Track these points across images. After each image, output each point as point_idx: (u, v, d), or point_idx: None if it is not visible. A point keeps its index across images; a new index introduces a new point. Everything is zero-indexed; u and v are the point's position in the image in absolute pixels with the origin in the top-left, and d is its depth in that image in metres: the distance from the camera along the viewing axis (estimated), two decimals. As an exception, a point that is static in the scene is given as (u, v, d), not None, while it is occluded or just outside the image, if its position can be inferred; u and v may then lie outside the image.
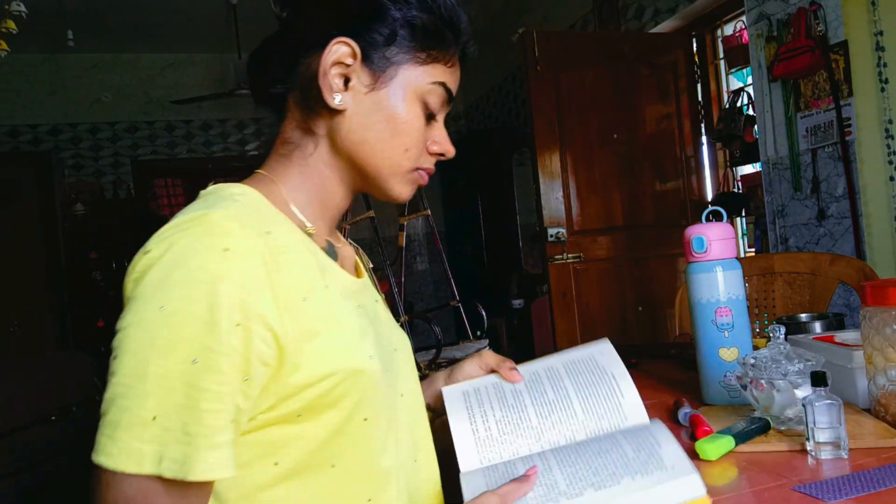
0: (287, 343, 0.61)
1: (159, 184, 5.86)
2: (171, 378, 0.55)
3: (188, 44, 5.40)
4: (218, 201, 0.64)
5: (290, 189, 0.74)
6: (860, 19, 2.30)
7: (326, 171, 0.75)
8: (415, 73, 0.72)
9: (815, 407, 0.76)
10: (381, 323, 0.79)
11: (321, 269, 0.69)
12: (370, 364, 0.67)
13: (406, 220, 3.27)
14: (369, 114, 0.72)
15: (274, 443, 0.64)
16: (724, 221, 1.09)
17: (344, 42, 0.70)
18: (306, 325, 0.63)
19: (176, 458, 0.55)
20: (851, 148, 2.36)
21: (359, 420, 0.67)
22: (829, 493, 0.66)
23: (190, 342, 0.56)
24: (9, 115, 5.20)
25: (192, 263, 0.58)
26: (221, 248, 0.59)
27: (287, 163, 0.75)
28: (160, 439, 0.55)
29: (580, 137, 3.19)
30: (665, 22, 3.33)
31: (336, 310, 0.67)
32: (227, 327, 0.57)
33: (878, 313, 0.83)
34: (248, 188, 0.70)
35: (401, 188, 0.76)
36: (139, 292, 0.58)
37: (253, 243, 0.61)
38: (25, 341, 4.92)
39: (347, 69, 0.71)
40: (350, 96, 0.71)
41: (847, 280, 1.65)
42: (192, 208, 0.64)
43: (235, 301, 0.58)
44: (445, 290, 5.78)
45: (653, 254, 3.28)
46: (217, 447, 0.56)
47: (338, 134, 0.73)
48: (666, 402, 1.07)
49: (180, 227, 0.60)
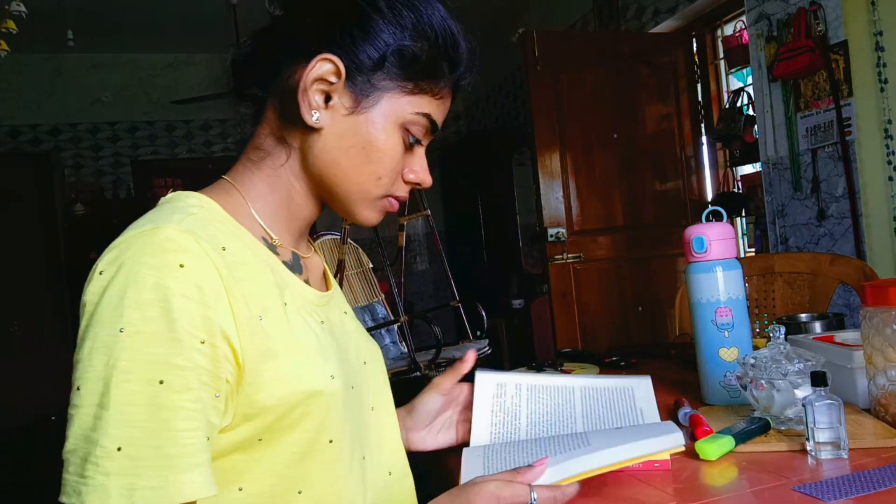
0: (245, 362, 0.60)
1: (159, 184, 5.85)
2: (134, 403, 0.54)
3: (188, 44, 5.40)
4: (172, 213, 0.62)
5: (255, 199, 0.71)
6: (860, 19, 2.30)
7: (296, 183, 0.72)
8: (399, 103, 0.69)
9: (815, 407, 0.76)
10: (349, 336, 0.78)
11: (279, 286, 0.66)
12: (330, 385, 0.66)
13: (406, 220, 3.27)
14: (345, 137, 0.69)
15: (236, 468, 0.62)
16: (724, 221, 1.09)
17: (329, 59, 0.66)
18: (263, 345, 0.61)
19: (152, 485, 0.53)
20: (851, 148, 2.36)
21: (324, 443, 0.65)
22: (829, 493, 0.66)
23: (153, 363, 0.54)
24: (9, 115, 5.20)
25: (148, 282, 0.56)
26: (176, 264, 0.57)
27: (256, 170, 0.72)
28: (128, 471, 0.52)
29: (580, 137, 3.19)
30: (665, 22, 3.33)
31: (295, 329, 0.65)
32: (191, 344, 0.56)
33: (878, 313, 0.83)
34: (206, 199, 0.67)
35: (368, 213, 0.74)
36: (95, 318, 0.56)
37: (208, 259, 0.59)
38: (26, 341, 4.92)
39: (330, 87, 0.67)
40: (328, 115, 0.68)
41: (847, 280, 1.65)
42: (143, 222, 0.61)
43: (196, 317, 0.57)
44: (445, 290, 5.78)
45: (653, 254, 3.28)
46: (197, 466, 0.55)
47: (310, 151, 0.70)
48: (666, 402, 1.07)
49: (131, 244, 0.58)
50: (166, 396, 0.54)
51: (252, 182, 0.72)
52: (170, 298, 0.56)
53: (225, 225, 0.66)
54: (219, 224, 0.65)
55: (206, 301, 0.58)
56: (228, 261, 0.61)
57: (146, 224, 0.60)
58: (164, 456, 0.54)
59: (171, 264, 0.57)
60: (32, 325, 5.05)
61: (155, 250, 0.57)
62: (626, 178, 3.26)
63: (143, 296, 0.55)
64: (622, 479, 0.76)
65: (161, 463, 0.53)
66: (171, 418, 0.54)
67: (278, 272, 0.68)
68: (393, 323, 3.09)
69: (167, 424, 0.54)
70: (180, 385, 0.55)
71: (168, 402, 0.54)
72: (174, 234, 0.58)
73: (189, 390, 0.56)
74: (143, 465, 0.53)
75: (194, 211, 0.64)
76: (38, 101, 5.27)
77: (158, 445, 0.54)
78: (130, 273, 0.56)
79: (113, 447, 0.53)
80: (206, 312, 0.57)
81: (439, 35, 0.69)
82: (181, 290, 0.56)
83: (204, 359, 0.57)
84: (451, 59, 0.71)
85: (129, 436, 0.53)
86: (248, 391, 0.60)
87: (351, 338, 0.78)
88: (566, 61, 3.16)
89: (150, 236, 0.58)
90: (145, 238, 0.58)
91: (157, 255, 0.57)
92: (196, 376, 0.56)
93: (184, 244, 0.58)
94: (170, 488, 0.53)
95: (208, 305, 0.58)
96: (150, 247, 0.58)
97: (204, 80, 5.60)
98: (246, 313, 0.60)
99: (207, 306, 0.58)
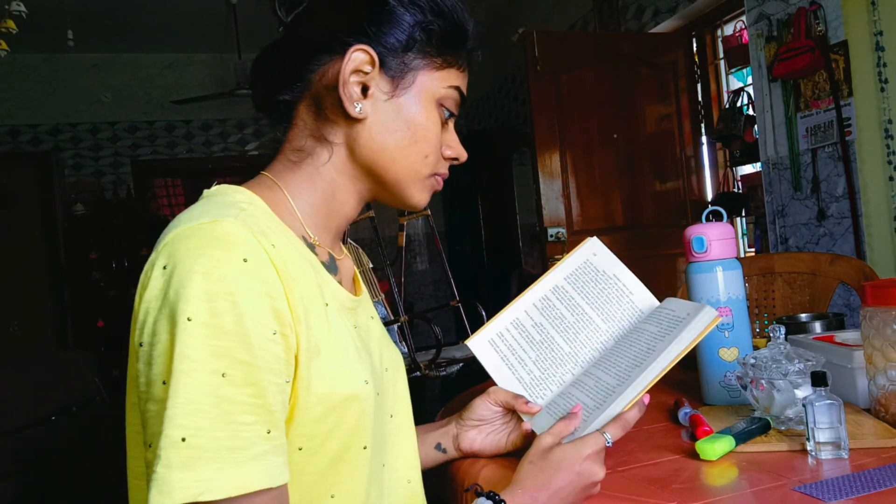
0: (300, 356, 0.61)
1: (159, 184, 5.86)
2: (199, 394, 0.54)
3: (188, 44, 5.40)
4: (225, 208, 0.62)
5: (296, 196, 0.72)
6: (860, 19, 2.30)
7: (340, 179, 0.73)
8: (432, 79, 0.72)
9: (815, 407, 0.76)
10: (374, 342, 0.78)
11: (320, 286, 0.67)
12: (365, 389, 0.66)
13: (406, 220, 3.27)
14: (389, 121, 0.71)
15: None
16: (724, 221, 1.09)
17: (362, 49, 0.68)
18: (312, 341, 0.62)
19: (213, 477, 0.53)
20: (851, 148, 2.36)
21: (357, 448, 0.66)
22: (830, 494, 0.66)
23: (218, 356, 0.54)
24: (9, 115, 5.20)
25: (214, 274, 0.56)
26: (240, 258, 0.57)
27: (296, 170, 0.73)
28: (190, 462, 0.52)
29: (580, 137, 3.19)
30: (665, 22, 3.33)
31: (335, 330, 0.66)
32: (263, 336, 0.56)
33: (878, 313, 0.83)
34: (253, 196, 0.68)
35: (420, 195, 0.75)
36: (162, 308, 0.56)
37: (266, 255, 0.59)
38: (25, 341, 4.92)
39: (366, 77, 0.69)
40: (369, 104, 0.70)
41: (847, 280, 1.65)
42: (198, 214, 0.61)
43: (266, 309, 0.57)
44: (445, 290, 5.78)
45: (653, 254, 3.28)
46: (255, 458, 0.55)
47: (356, 142, 0.71)
48: (666, 402, 1.07)
49: (191, 236, 0.58)
50: (228, 390, 0.54)
51: (293, 180, 0.72)
52: (237, 292, 0.56)
53: (271, 222, 0.66)
54: (267, 220, 0.65)
55: (272, 293, 0.58)
56: (281, 257, 0.61)
57: (202, 217, 0.60)
58: (225, 448, 0.54)
59: (236, 258, 0.57)
60: (32, 325, 5.05)
61: (218, 243, 0.57)
62: (626, 178, 3.26)
63: (211, 287, 0.55)
64: (622, 479, 0.76)
65: (222, 455, 0.53)
66: (233, 411, 0.55)
67: (319, 272, 0.69)
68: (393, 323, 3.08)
69: (229, 417, 0.54)
70: (243, 380, 0.55)
71: (230, 396, 0.55)
72: (234, 229, 0.58)
73: (251, 385, 0.56)
74: (205, 456, 0.53)
75: (245, 206, 0.64)
76: (38, 101, 5.27)
77: (220, 437, 0.54)
78: (196, 264, 0.56)
79: (178, 437, 0.53)
80: (274, 304, 0.58)
81: (452, 10, 0.72)
82: (248, 284, 0.57)
83: (279, 348, 0.58)
84: (465, 32, 0.74)
85: (194, 425, 0.53)
86: (298, 386, 0.61)
87: (376, 344, 0.78)
88: (566, 61, 3.16)
89: (209, 229, 0.58)
90: (206, 231, 0.58)
91: (221, 247, 0.57)
92: (264, 371, 0.56)
93: (245, 238, 0.58)
94: (228, 480, 0.53)
95: (274, 297, 0.58)
96: (212, 240, 0.57)
97: (204, 80, 5.60)
98: (300, 309, 0.61)
99: (274, 298, 0.58)
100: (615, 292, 0.87)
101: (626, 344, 0.82)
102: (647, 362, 0.75)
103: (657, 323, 0.81)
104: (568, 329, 0.87)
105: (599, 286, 0.88)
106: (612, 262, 0.90)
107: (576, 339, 0.86)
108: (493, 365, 0.88)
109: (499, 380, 0.87)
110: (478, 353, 0.90)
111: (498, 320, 0.92)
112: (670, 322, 0.79)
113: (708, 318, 0.76)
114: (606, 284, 0.88)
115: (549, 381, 0.85)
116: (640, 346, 0.79)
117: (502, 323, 0.91)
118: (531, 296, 0.92)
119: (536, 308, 0.90)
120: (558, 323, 0.88)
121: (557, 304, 0.89)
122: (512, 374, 0.86)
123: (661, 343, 0.76)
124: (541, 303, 0.90)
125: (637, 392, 0.73)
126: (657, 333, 0.79)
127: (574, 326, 0.87)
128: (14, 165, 5.19)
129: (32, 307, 5.11)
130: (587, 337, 0.86)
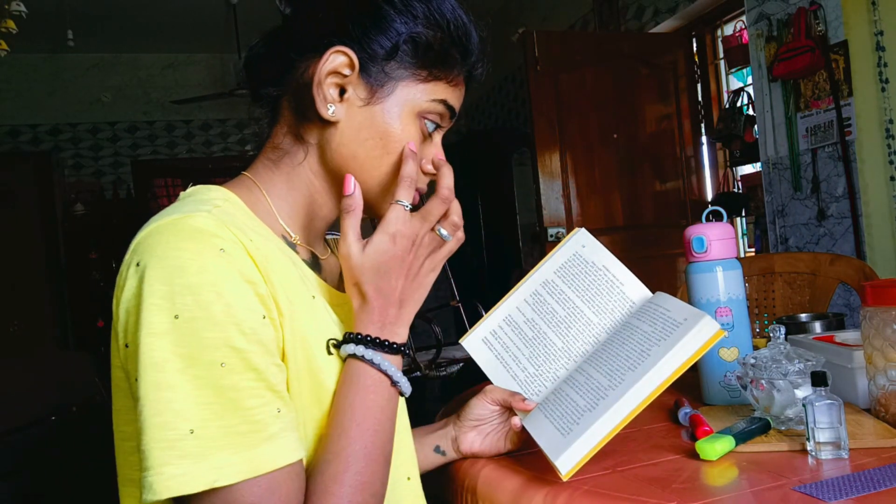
0: (286, 347, 0.61)
1: (159, 184, 5.85)
2: (201, 387, 0.54)
3: (188, 44, 5.40)
4: (198, 205, 0.62)
5: (276, 197, 0.71)
6: (860, 19, 2.30)
7: (316, 181, 0.72)
8: (413, 91, 0.69)
9: (815, 407, 0.76)
10: None
11: (302, 279, 0.66)
12: None
13: (406, 220, 3.27)
14: (362, 129, 0.68)
15: None
16: (724, 221, 1.09)
17: (342, 52, 0.66)
18: (298, 333, 0.62)
19: (229, 463, 0.53)
20: (851, 148, 2.36)
21: None
22: (830, 494, 0.66)
23: (213, 347, 0.54)
24: (9, 115, 5.20)
25: (192, 266, 0.55)
26: (217, 248, 0.56)
27: (275, 169, 0.72)
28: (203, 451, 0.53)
29: (580, 137, 3.19)
30: (665, 22, 3.33)
31: (323, 322, 0.66)
32: (255, 321, 0.57)
33: (878, 313, 0.83)
34: (229, 194, 0.67)
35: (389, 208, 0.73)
36: (144, 308, 0.55)
37: (243, 246, 0.59)
38: (25, 341, 4.92)
39: (344, 79, 0.67)
40: (344, 108, 0.68)
41: (847, 280, 1.65)
42: (170, 211, 0.61)
43: (251, 295, 0.57)
44: (445, 290, 5.78)
45: (653, 254, 3.28)
46: (270, 438, 0.55)
47: (329, 145, 0.70)
48: (666, 402, 1.07)
49: (162, 232, 0.57)
50: (229, 378, 0.55)
51: (272, 180, 0.72)
52: (220, 282, 0.55)
53: (248, 219, 0.66)
54: (243, 218, 0.65)
55: (254, 280, 0.58)
56: (259, 251, 0.60)
57: (173, 213, 0.59)
58: (236, 434, 0.54)
59: (212, 248, 0.56)
60: (32, 325, 5.05)
61: (191, 235, 0.57)
62: (626, 178, 3.26)
63: (191, 280, 0.55)
64: (622, 479, 0.76)
65: (235, 441, 0.54)
66: (239, 398, 0.55)
67: (299, 266, 0.68)
68: (393, 323, 3.08)
69: (236, 404, 0.54)
70: (242, 367, 0.55)
71: (233, 384, 0.55)
72: (206, 222, 0.58)
73: (251, 370, 0.56)
74: (215, 444, 0.53)
75: (219, 203, 0.64)
76: (38, 101, 5.27)
77: (230, 424, 0.54)
78: (172, 259, 0.55)
79: (186, 430, 0.53)
80: (257, 290, 0.58)
81: (451, 24, 0.69)
82: (228, 272, 0.56)
83: (270, 330, 0.58)
84: (464, 47, 0.71)
85: (200, 417, 0.53)
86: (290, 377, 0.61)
87: None
88: (566, 61, 3.16)
89: (180, 224, 0.58)
90: (177, 226, 0.57)
91: (196, 240, 0.56)
92: (259, 354, 0.57)
93: (219, 230, 0.58)
94: (244, 464, 0.54)
95: (256, 284, 0.58)
96: (184, 233, 0.57)
97: (204, 80, 5.60)
98: (284, 301, 0.61)
99: (256, 284, 0.58)
100: (606, 284, 0.85)
101: (619, 341, 0.80)
102: (640, 368, 0.72)
103: (651, 321, 0.78)
104: (560, 324, 0.86)
105: (589, 278, 0.87)
106: (602, 253, 0.88)
107: (568, 334, 0.85)
108: (488, 363, 0.88)
109: (494, 378, 0.87)
110: (472, 352, 0.89)
111: (491, 318, 0.92)
112: (665, 324, 0.76)
113: (709, 332, 0.72)
114: (596, 276, 0.86)
115: (543, 378, 0.84)
116: (633, 346, 0.76)
117: (495, 320, 0.91)
118: (522, 291, 0.91)
119: (528, 304, 0.89)
120: (550, 318, 0.87)
121: (548, 299, 0.88)
122: (507, 371, 0.86)
123: (656, 347, 0.73)
124: (532, 298, 0.89)
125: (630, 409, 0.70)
126: (651, 334, 0.76)
127: (566, 321, 0.86)
128: (14, 165, 5.19)
129: (32, 307, 5.11)
130: (579, 331, 0.84)
